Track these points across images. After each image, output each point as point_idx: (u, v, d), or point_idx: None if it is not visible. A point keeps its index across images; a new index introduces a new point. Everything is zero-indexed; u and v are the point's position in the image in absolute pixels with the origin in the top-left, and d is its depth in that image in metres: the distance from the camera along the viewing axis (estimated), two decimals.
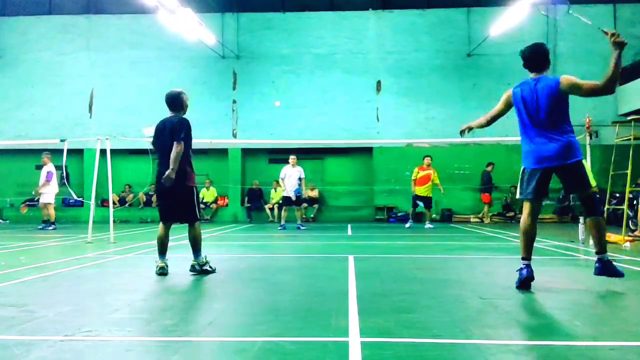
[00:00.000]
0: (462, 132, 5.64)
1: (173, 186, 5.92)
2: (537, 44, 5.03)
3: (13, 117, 19.10)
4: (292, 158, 13.89)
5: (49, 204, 14.01)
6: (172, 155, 5.78)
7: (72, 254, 8.25)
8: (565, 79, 4.66)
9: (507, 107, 5.15)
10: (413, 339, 3.31)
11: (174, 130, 5.92)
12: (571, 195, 16.99)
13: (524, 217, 5.00)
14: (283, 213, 14.17)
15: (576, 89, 4.63)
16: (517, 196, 5.16)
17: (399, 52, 18.57)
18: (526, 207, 4.99)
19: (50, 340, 3.27)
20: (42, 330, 3.55)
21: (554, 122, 4.68)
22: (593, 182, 4.80)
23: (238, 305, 4.44)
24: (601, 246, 4.77)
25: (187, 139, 5.98)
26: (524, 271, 4.90)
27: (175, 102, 6.17)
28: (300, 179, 13.84)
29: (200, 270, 6.03)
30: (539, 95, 4.72)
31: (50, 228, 13.68)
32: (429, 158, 14.69)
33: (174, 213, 6.16)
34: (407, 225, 14.73)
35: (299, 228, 13.75)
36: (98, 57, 19.23)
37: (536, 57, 4.92)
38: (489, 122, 5.36)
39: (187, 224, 6.15)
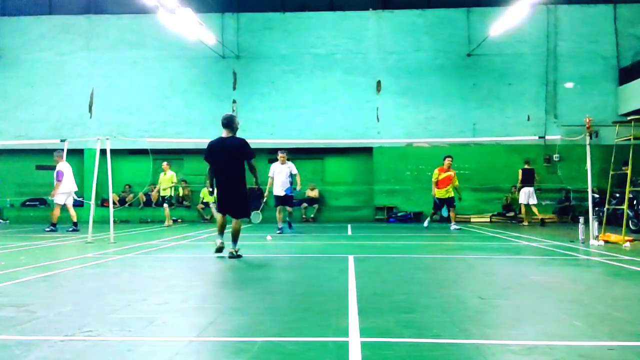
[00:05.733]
0: None
1: (237, 188, 7.51)
2: None
3: (13, 117, 19.08)
4: (280, 155, 12.44)
5: (57, 204, 13.19)
6: (252, 170, 7.70)
7: (72, 254, 8.26)
8: None
9: None
10: (413, 339, 3.32)
11: (239, 149, 7.52)
12: (571, 196, 17.03)
13: None
14: (278, 215, 12.46)
15: None
16: None
17: (399, 52, 18.57)
18: None
19: (50, 340, 3.28)
20: (42, 330, 3.55)
21: None
22: None
23: (238, 305, 4.44)
24: None
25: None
26: None
27: (230, 122, 7.61)
28: (291, 175, 12.41)
29: (236, 255, 7.39)
30: None
31: (47, 229, 12.89)
32: (450, 159, 13.76)
33: (229, 209, 7.62)
34: (425, 224, 14.25)
35: (289, 225, 12.73)
36: (98, 57, 19.23)
37: None
38: None
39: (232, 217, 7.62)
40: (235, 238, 7.57)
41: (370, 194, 18.63)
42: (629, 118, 10.69)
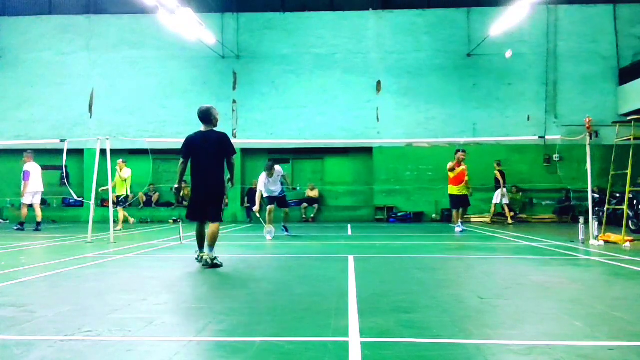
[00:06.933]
0: None
1: (216, 190, 6.78)
2: None
3: (13, 117, 19.09)
4: (276, 168, 11.42)
5: (23, 204, 13.39)
6: (231, 167, 6.89)
7: (72, 254, 8.25)
8: None
9: None
10: (413, 339, 3.31)
11: (222, 144, 6.82)
12: (571, 195, 17.02)
13: None
14: (268, 215, 11.22)
15: None
16: None
17: (399, 52, 18.57)
18: None
19: (50, 340, 3.27)
20: (42, 330, 3.55)
21: None
22: None
23: (237, 305, 4.43)
24: None
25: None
26: None
27: (207, 116, 6.94)
28: (283, 176, 11.74)
29: (212, 264, 6.52)
30: None
31: (15, 228, 12.99)
32: (463, 153, 12.68)
33: (205, 213, 6.82)
34: (460, 229, 12.28)
35: (285, 229, 11.82)
36: (98, 57, 19.23)
37: None
38: None
39: (210, 222, 6.81)
40: (213, 243, 6.65)
41: (370, 194, 18.63)
42: (629, 118, 10.69)
